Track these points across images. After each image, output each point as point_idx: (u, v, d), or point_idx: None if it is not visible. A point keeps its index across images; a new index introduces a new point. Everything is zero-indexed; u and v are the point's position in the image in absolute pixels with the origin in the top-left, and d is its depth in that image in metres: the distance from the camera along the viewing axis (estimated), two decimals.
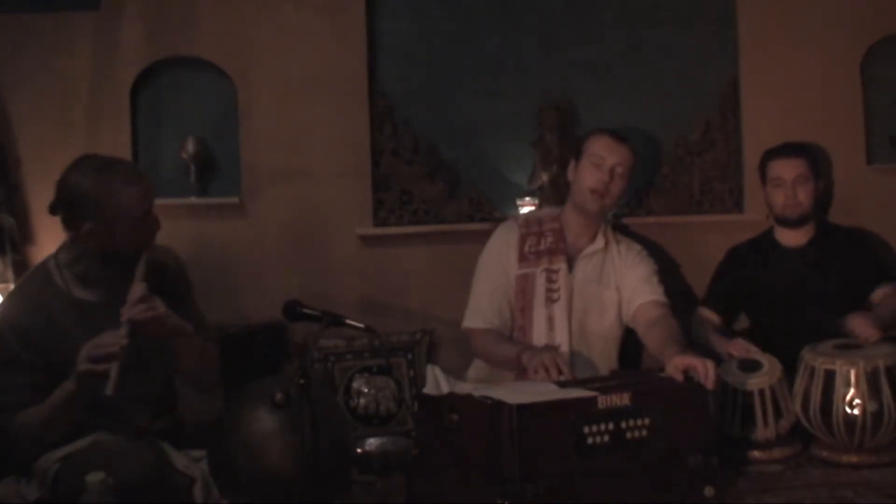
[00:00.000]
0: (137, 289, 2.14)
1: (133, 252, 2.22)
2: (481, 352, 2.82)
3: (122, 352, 2.03)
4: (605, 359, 2.79)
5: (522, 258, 2.81)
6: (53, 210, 2.24)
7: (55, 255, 2.31)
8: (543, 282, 2.77)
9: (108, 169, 2.23)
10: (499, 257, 2.84)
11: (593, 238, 2.83)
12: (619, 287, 2.81)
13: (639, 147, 3.55)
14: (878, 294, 3.01)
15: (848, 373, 2.37)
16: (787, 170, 3.10)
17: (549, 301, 2.76)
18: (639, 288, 2.78)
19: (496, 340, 2.76)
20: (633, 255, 2.86)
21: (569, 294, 2.76)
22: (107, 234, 2.19)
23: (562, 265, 2.78)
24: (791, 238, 3.16)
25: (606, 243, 2.84)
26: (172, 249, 2.48)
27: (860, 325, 2.59)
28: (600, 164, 2.76)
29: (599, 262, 2.82)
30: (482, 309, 2.81)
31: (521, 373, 2.56)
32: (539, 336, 2.73)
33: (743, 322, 3.26)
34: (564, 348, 2.69)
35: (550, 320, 2.75)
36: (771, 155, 3.17)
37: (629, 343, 2.89)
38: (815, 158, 3.19)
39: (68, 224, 2.23)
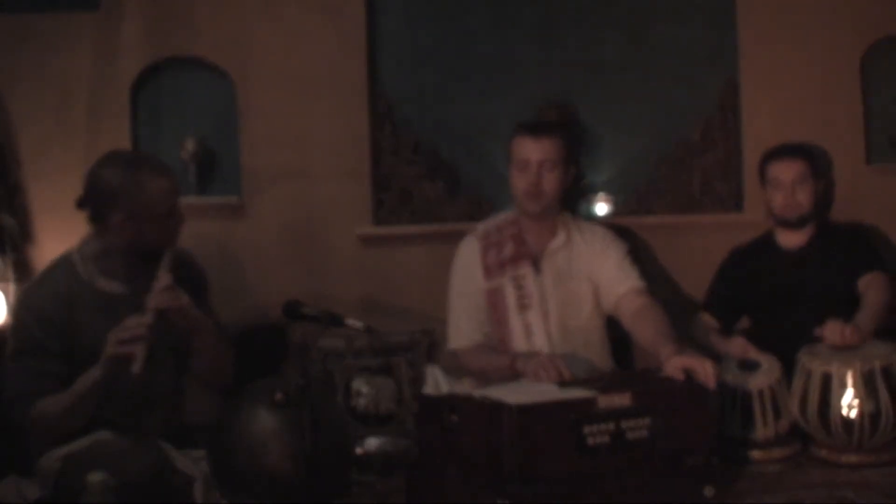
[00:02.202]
0: (164, 278, 2.20)
1: (159, 246, 2.27)
2: (472, 369, 2.80)
3: (147, 333, 2.08)
4: (590, 351, 2.77)
5: (488, 271, 2.79)
6: (81, 204, 2.28)
7: (79, 248, 2.34)
8: (513, 290, 2.75)
9: (138, 163, 2.31)
10: (466, 274, 2.83)
11: (553, 235, 2.81)
12: (590, 277, 2.79)
13: (639, 147, 3.58)
14: (863, 282, 2.96)
15: (844, 374, 2.37)
16: (785, 171, 3.10)
17: (523, 308, 2.74)
18: (615, 277, 2.76)
19: (484, 354, 2.75)
20: (599, 241, 2.83)
21: (541, 297, 2.75)
22: (135, 227, 2.24)
23: (527, 269, 2.76)
24: (791, 239, 3.15)
25: (568, 236, 2.82)
26: (192, 252, 2.51)
27: (831, 331, 2.51)
28: (525, 167, 2.74)
29: (566, 257, 2.80)
30: (462, 328, 2.80)
31: (515, 380, 2.55)
32: (519, 344, 2.72)
33: (743, 322, 3.25)
34: (546, 351, 2.68)
35: (527, 327, 2.74)
36: (770, 156, 3.17)
37: (621, 337, 2.88)
38: (814, 159, 3.19)
39: (96, 217, 2.28)
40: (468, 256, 2.85)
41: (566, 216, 2.89)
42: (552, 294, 2.76)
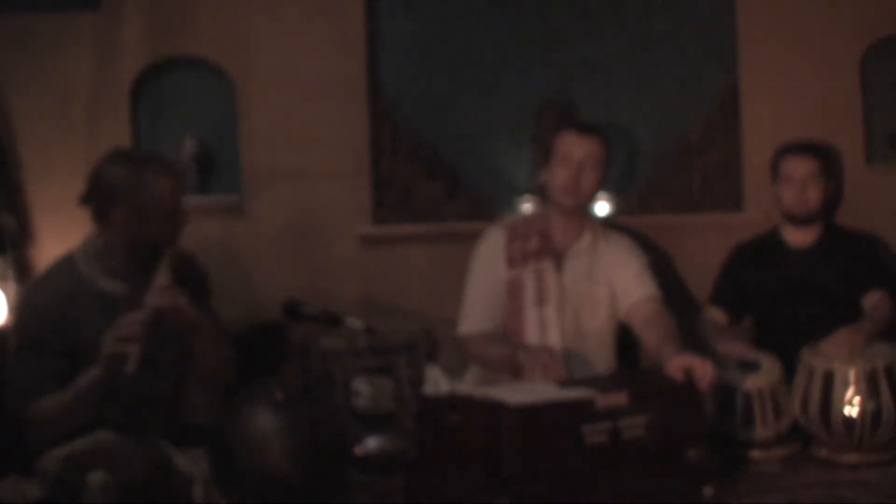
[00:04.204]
0: (162, 278, 2.20)
1: (161, 245, 2.27)
2: (476, 356, 2.82)
3: (142, 331, 2.07)
4: (600, 355, 2.78)
5: (510, 261, 2.80)
6: (85, 200, 2.28)
7: (81, 247, 2.34)
8: (533, 283, 2.76)
9: (143, 161, 2.30)
10: (487, 262, 2.84)
11: (580, 235, 2.83)
12: (609, 282, 2.80)
13: (639, 147, 3.58)
14: (869, 300, 2.98)
15: (846, 373, 2.38)
16: (798, 168, 3.10)
17: (540, 302, 2.75)
18: (631, 284, 2.77)
19: (490, 342, 2.76)
20: (623, 249, 2.85)
21: (559, 294, 2.76)
22: (137, 226, 2.24)
23: (550, 265, 2.78)
24: (797, 237, 3.15)
25: (594, 239, 2.83)
26: (196, 254, 2.51)
27: (835, 347, 2.53)
28: (567, 161, 2.76)
29: (588, 259, 2.81)
30: (475, 314, 2.81)
31: (516, 372, 2.56)
32: (532, 338, 2.73)
33: (745, 321, 3.25)
34: (558, 348, 2.69)
35: (542, 322, 2.74)
36: (784, 151, 3.16)
37: (626, 341, 2.88)
38: (827, 158, 3.19)
39: (98, 215, 2.28)
40: (493, 244, 2.86)
41: (595, 221, 2.91)
42: (571, 293, 2.77)
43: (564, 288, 2.77)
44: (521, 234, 2.83)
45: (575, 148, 2.75)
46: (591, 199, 2.83)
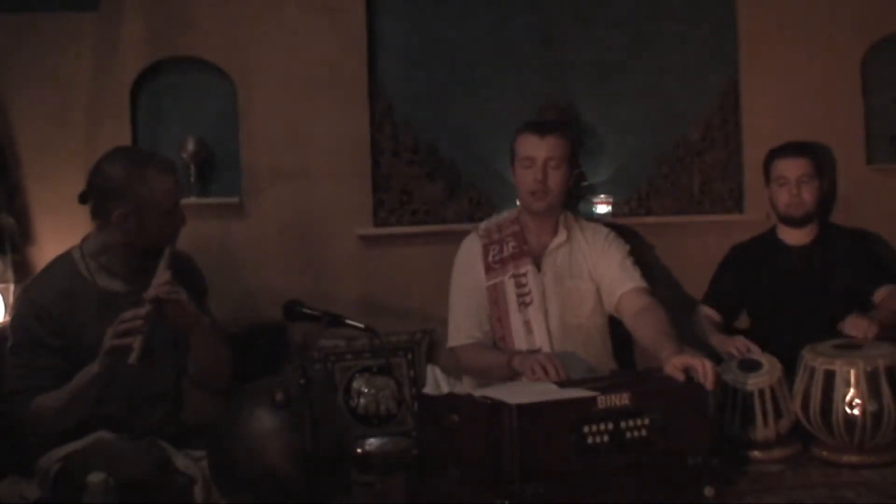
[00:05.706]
0: (163, 274, 2.20)
1: (159, 244, 2.28)
2: (470, 367, 2.81)
3: (144, 324, 2.08)
4: (590, 349, 2.77)
5: (489, 269, 2.81)
6: (84, 198, 2.28)
7: (80, 245, 2.34)
8: (513, 288, 2.77)
9: (143, 159, 2.31)
10: (467, 272, 2.85)
11: (554, 232, 2.82)
12: (592, 275, 2.80)
13: (639, 147, 3.58)
14: (879, 294, 3.01)
15: (848, 373, 2.37)
16: (791, 169, 3.10)
17: (523, 305, 2.75)
18: (616, 276, 2.77)
19: (483, 351, 2.76)
20: (601, 240, 2.84)
21: (541, 294, 2.76)
22: (137, 223, 2.24)
23: (528, 267, 2.78)
24: (794, 237, 3.16)
25: (569, 234, 2.83)
26: (192, 254, 2.51)
27: (854, 326, 2.59)
28: (530, 165, 2.75)
29: (566, 255, 2.81)
30: (462, 325, 2.81)
31: (513, 379, 2.55)
32: (519, 342, 2.73)
33: (743, 321, 3.26)
34: (546, 349, 2.69)
35: (527, 324, 2.74)
36: (775, 154, 3.17)
37: (622, 337, 2.88)
38: (819, 158, 3.20)
39: (98, 212, 2.29)
40: (470, 254, 2.86)
41: (568, 215, 2.90)
42: (553, 292, 2.77)
43: (545, 288, 2.77)
44: (497, 241, 2.83)
45: (537, 150, 2.75)
46: (561, 197, 2.81)
